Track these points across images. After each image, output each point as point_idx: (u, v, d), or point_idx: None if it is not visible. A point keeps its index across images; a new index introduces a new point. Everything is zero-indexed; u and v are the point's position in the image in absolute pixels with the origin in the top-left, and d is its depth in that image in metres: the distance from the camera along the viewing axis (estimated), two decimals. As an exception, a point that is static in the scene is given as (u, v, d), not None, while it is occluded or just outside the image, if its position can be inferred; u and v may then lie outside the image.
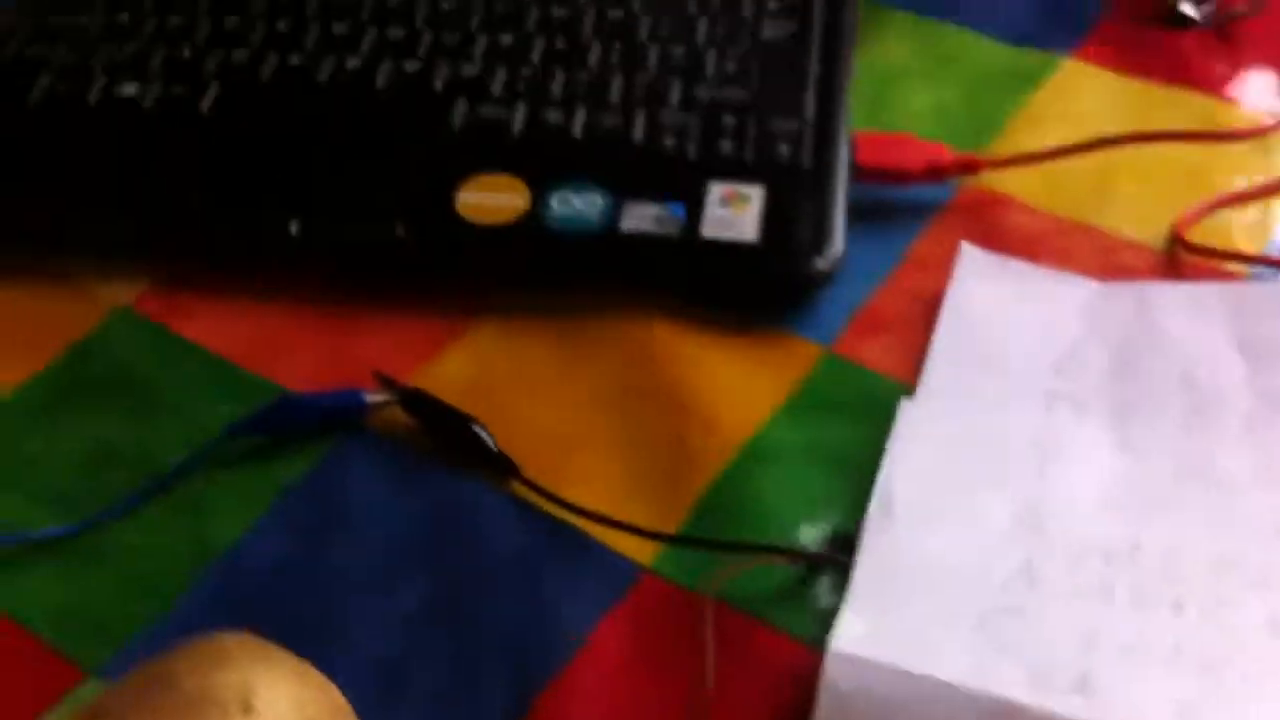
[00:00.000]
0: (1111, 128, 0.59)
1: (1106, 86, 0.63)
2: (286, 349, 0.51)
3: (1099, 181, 0.58)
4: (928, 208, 0.57)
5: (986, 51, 0.65)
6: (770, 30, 0.61)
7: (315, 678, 0.35)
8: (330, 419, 0.48)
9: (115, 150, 0.56)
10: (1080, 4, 0.68)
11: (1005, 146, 0.59)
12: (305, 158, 0.56)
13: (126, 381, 0.50)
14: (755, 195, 0.54)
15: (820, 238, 0.52)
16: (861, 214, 0.54)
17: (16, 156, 0.56)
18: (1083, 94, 0.62)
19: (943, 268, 0.54)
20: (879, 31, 0.65)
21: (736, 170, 0.55)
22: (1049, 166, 0.57)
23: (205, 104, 0.57)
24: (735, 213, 0.53)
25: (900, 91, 0.63)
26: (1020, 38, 0.66)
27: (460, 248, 0.53)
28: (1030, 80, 0.63)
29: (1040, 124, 0.60)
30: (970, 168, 0.57)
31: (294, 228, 0.53)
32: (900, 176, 0.56)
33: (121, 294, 0.53)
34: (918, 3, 0.68)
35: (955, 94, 0.62)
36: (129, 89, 0.58)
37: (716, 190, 0.54)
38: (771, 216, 0.53)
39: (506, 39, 0.60)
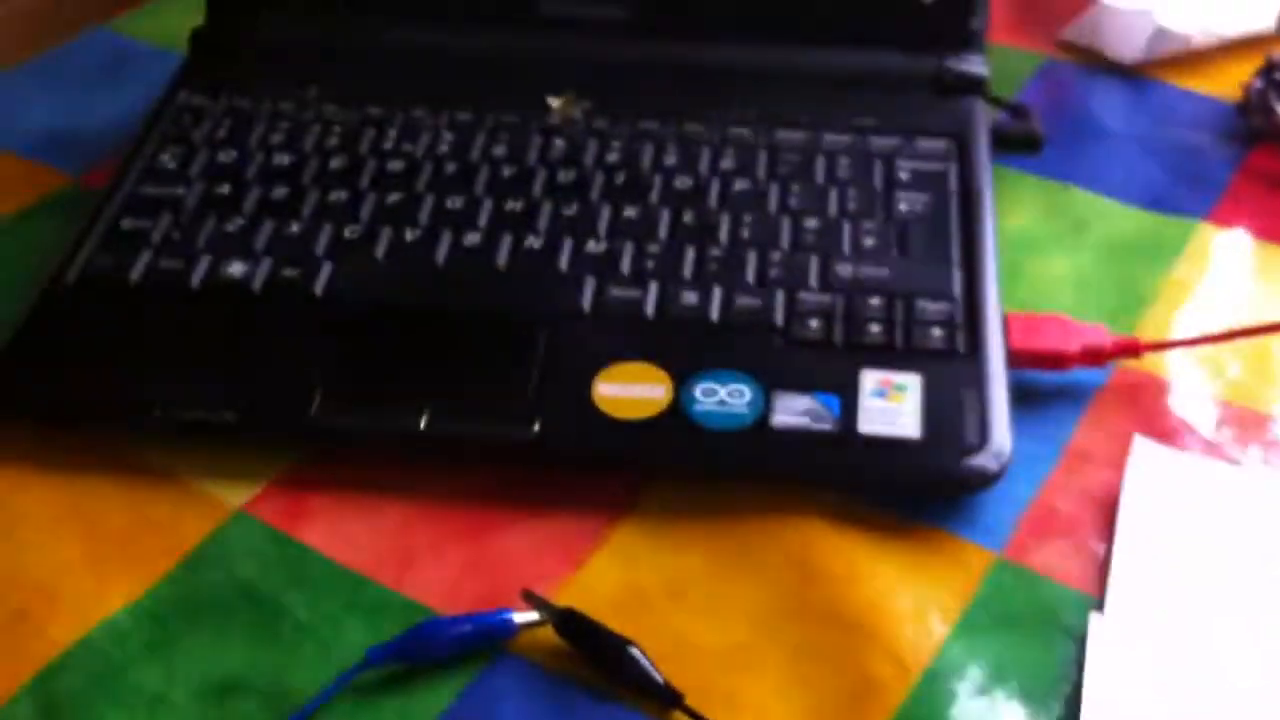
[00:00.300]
0: (1263, 300, 0.57)
1: (1249, 254, 0.60)
2: (419, 557, 0.48)
3: (1259, 363, 0.55)
4: (1084, 392, 0.54)
5: (1118, 216, 0.62)
6: (906, 202, 0.58)
7: None
8: (476, 642, 0.44)
9: (225, 337, 0.53)
10: (1207, 166, 0.65)
11: (1156, 320, 0.57)
12: (429, 344, 0.52)
13: (248, 597, 0.46)
14: (912, 385, 0.50)
15: (985, 433, 0.49)
16: (1016, 400, 0.51)
17: (118, 339, 0.53)
18: (1226, 263, 0.60)
19: (1109, 461, 0.51)
20: (1006, 196, 0.63)
21: (888, 357, 0.52)
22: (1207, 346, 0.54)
23: (318, 286, 0.54)
24: (892, 404, 0.50)
25: (1036, 261, 0.60)
26: (1150, 201, 0.63)
27: (601, 445, 0.49)
28: (1169, 248, 0.61)
29: (1187, 296, 0.58)
30: (1130, 351, 0.53)
31: (423, 422, 0.49)
32: (1057, 361, 0.53)
33: (236, 495, 0.50)
34: (1041, 166, 0.65)
35: (1093, 263, 0.60)
36: (235, 269, 0.55)
37: (870, 380, 0.51)
38: (932, 410, 0.49)
39: (630, 212, 0.57)
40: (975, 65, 0.64)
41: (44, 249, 0.59)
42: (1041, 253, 0.60)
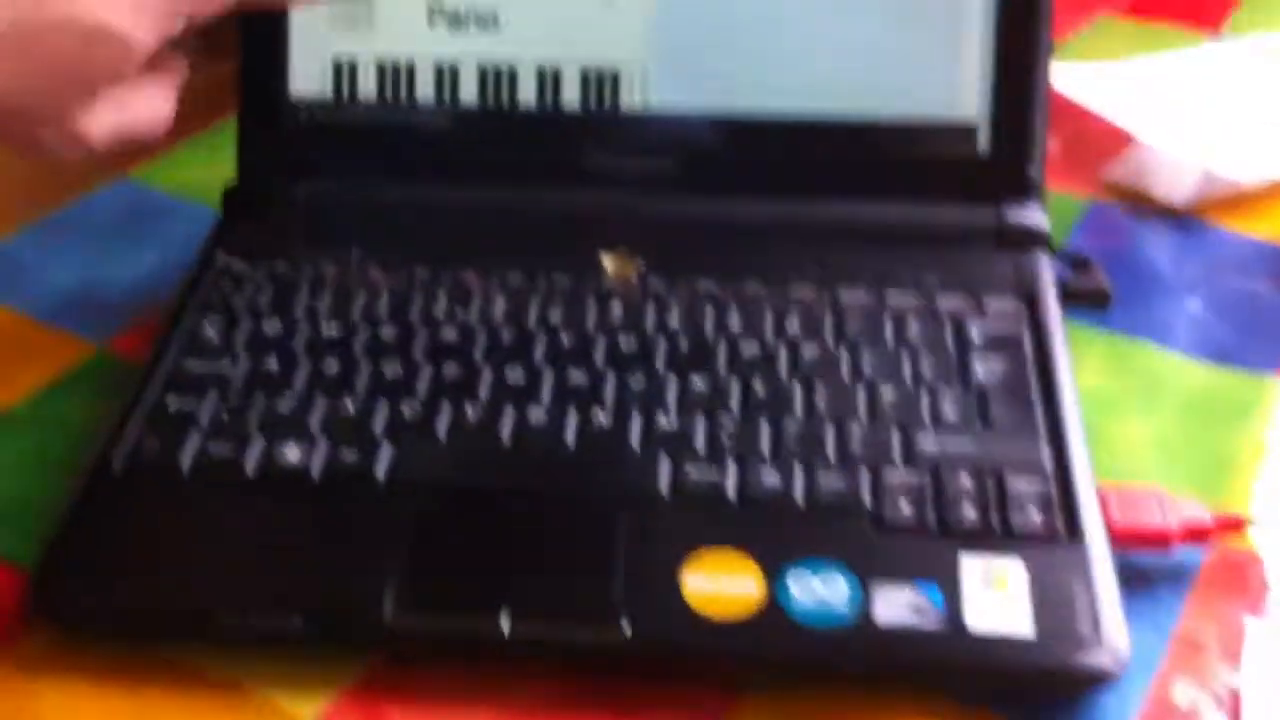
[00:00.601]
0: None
1: (1327, 412, 0.58)
2: (511, 775, 0.44)
3: (1361, 534, 0.52)
4: (1186, 572, 0.52)
5: (1188, 373, 0.61)
6: (982, 368, 0.55)
7: None
8: None
9: (286, 531, 0.50)
10: (1272, 316, 0.64)
11: (1241, 486, 0.55)
12: (502, 533, 0.50)
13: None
14: (1015, 573, 0.48)
15: (1098, 626, 0.47)
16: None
17: (172, 537, 0.50)
18: (1305, 421, 0.58)
19: (1223, 647, 0.49)
20: (1075, 353, 0.60)
21: (985, 541, 0.49)
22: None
23: (380, 471, 0.51)
24: (998, 594, 0.47)
25: (1113, 423, 0.58)
26: (1218, 356, 0.62)
27: (696, 647, 0.47)
28: (1245, 406, 0.60)
29: (1270, 458, 0.57)
30: (1232, 528, 0.51)
31: (505, 624, 0.46)
32: (1159, 541, 0.51)
33: (308, 707, 0.47)
34: (1103, 318, 0.63)
35: (1171, 425, 0.58)
36: (291, 454, 0.52)
37: (970, 566, 0.48)
38: (1040, 601, 0.47)
39: (699, 383, 0.55)
40: (1035, 216, 0.62)
41: (74, 428, 0.56)
42: (1117, 414, 0.59)
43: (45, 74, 0.45)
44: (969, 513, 0.50)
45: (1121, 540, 0.51)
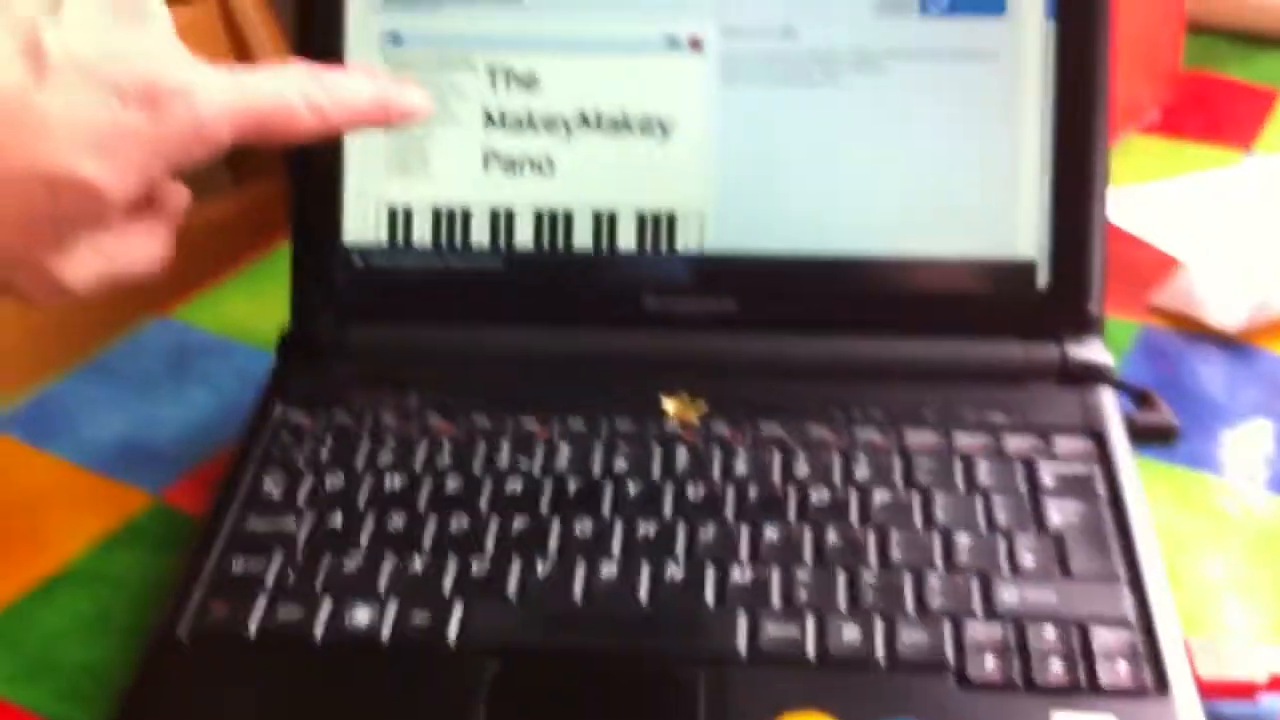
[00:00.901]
0: None
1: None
2: None
3: None
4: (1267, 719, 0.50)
5: (1257, 506, 0.61)
6: (1058, 513, 0.55)
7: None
8: None
9: (357, 701, 0.49)
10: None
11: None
12: (578, 698, 0.49)
13: None
14: (1109, 733, 0.47)
15: (1197, 789, 0.45)
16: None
17: (241, 709, 0.48)
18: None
19: (1317, 803, 0.47)
20: (1146, 490, 0.60)
21: (1073, 697, 0.49)
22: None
23: (450, 633, 0.50)
24: (1091, 755, 0.46)
25: (1186, 563, 0.57)
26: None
27: (790, 818, 0.45)
28: (1313, 541, 0.58)
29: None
30: (1318, 677, 0.50)
31: (589, 799, 0.45)
32: (1245, 692, 0.50)
33: None
34: (1168, 451, 0.62)
35: (1243, 561, 0.58)
36: (360, 617, 0.51)
37: (1062, 726, 0.47)
38: (1136, 762, 0.46)
39: (771, 533, 0.54)
40: (1097, 351, 0.62)
41: (135, 586, 0.55)
42: (1190, 554, 0.58)
43: (12, 226, 0.43)
44: (1056, 668, 0.49)
45: (1208, 692, 0.50)
